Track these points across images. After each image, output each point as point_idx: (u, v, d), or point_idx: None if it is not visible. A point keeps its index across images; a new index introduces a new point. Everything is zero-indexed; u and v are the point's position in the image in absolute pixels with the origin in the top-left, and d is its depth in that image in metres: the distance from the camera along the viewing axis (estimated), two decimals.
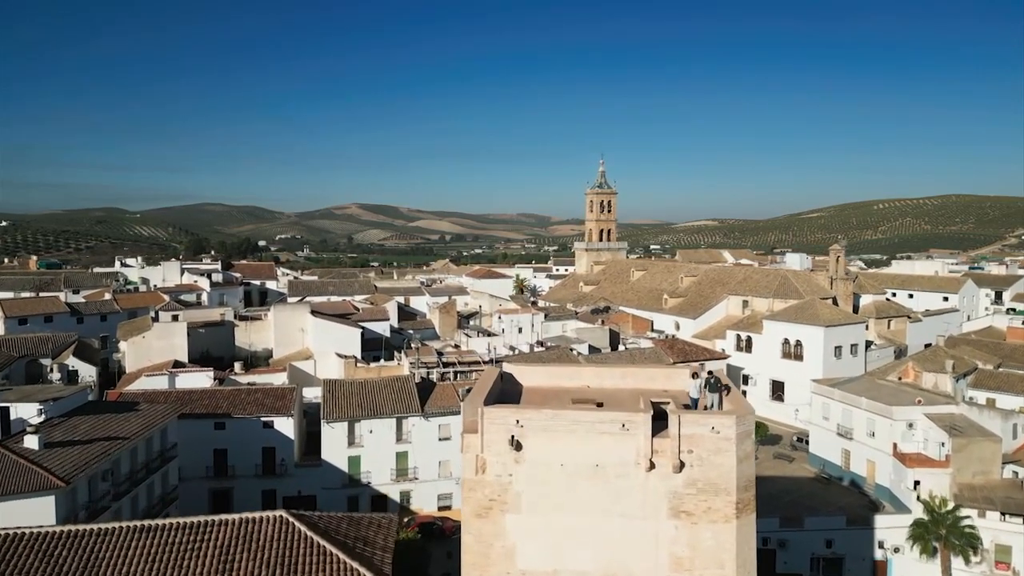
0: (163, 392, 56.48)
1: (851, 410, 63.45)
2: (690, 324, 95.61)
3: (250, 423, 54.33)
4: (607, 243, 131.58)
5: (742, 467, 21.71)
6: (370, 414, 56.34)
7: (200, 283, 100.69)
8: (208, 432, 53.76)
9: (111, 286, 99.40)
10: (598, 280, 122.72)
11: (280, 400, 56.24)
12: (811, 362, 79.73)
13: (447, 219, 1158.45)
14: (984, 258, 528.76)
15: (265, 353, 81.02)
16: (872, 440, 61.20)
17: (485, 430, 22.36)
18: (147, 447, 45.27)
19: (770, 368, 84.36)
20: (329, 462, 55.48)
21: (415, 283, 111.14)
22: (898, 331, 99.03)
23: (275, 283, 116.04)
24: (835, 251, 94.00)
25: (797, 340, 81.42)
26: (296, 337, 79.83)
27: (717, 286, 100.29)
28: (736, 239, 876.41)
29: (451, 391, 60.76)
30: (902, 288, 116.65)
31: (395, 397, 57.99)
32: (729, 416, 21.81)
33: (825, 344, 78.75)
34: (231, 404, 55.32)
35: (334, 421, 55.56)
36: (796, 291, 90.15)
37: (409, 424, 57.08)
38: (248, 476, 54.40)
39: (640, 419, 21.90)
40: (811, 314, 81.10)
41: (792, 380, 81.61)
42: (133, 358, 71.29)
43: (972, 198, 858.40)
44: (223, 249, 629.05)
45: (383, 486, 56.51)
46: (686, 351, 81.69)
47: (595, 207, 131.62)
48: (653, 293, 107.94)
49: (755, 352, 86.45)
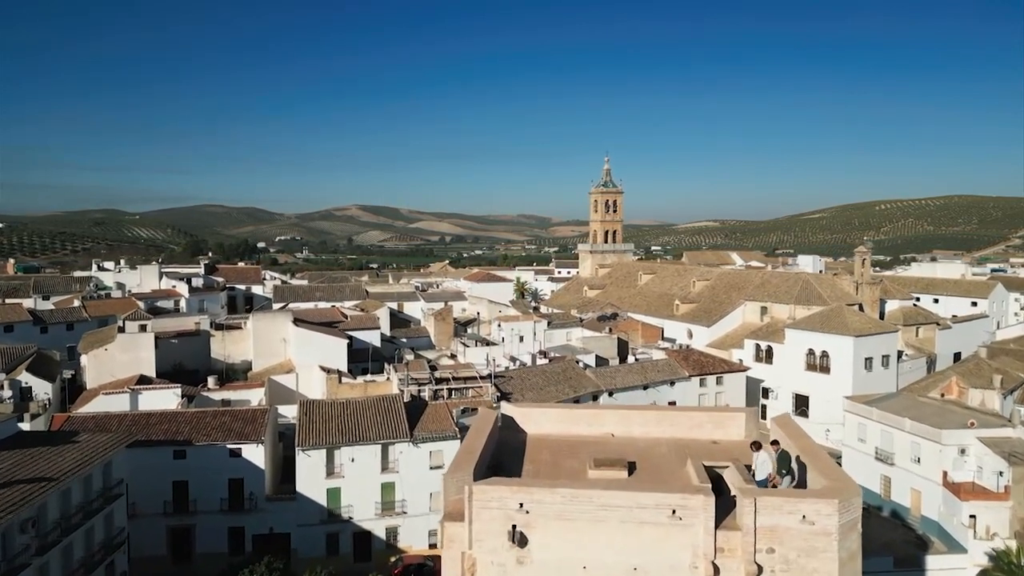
0: (117, 416, 49.81)
1: (892, 432, 56.71)
2: (704, 332, 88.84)
3: (215, 451, 47.70)
4: (613, 245, 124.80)
5: (845, 573, 15.03)
6: (352, 440, 49.66)
7: (179, 288, 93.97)
8: (166, 462, 47.17)
9: (83, 291, 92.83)
10: (603, 284, 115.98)
11: (250, 424, 49.58)
12: (839, 375, 73.04)
13: (447, 220, 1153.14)
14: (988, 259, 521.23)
15: (244, 365, 74.38)
16: (917, 467, 54.46)
17: (475, 516, 15.69)
18: (85, 486, 38.58)
19: (793, 381, 77.63)
20: (305, 495, 48.80)
21: (410, 288, 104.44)
22: (926, 339, 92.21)
23: (261, 288, 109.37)
24: (860, 253, 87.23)
25: (823, 351, 74.68)
26: (277, 348, 73.20)
27: (732, 291, 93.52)
28: (737, 240, 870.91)
29: (444, 412, 54.11)
30: (926, 292, 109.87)
31: (381, 420, 51.33)
32: (828, 500, 15.11)
33: (855, 355, 72.06)
34: (194, 429, 48.68)
35: (311, 448, 48.88)
36: (819, 297, 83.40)
37: (396, 451, 50.39)
38: (212, 511, 47.75)
39: (698, 503, 15.20)
40: (839, 322, 74.39)
41: (818, 394, 74.94)
42: (95, 373, 64.68)
43: (975, 198, 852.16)
44: (221, 251, 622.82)
45: (367, 522, 49.82)
46: (702, 363, 75.11)
47: (600, 207, 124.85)
48: (663, 298, 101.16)
49: (776, 363, 79.71)
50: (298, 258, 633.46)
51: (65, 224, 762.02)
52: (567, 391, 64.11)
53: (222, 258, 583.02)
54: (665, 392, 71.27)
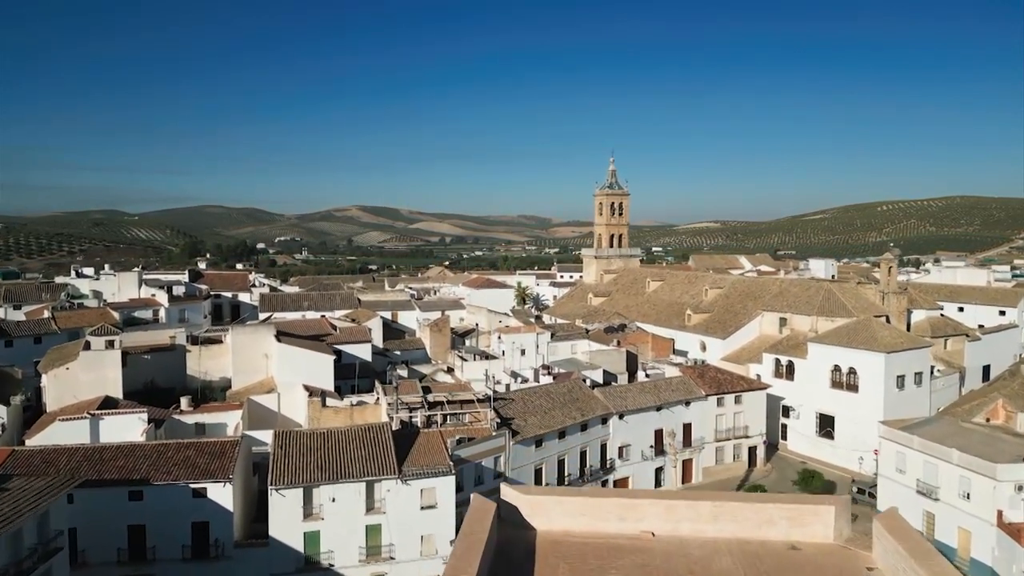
0: (67, 450, 44.06)
1: (936, 463, 50.98)
2: (718, 345, 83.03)
3: (176, 491, 41.99)
4: (619, 249, 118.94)
5: None
6: (333, 476, 43.92)
7: (158, 297, 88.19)
8: (121, 503, 41.52)
9: (56, 300, 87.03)
10: (609, 291, 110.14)
11: (218, 459, 43.84)
12: (869, 394, 67.29)
13: (447, 221, 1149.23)
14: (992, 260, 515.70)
15: (222, 383, 68.63)
16: (967, 504, 48.73)
17: None
18: (14, 543, 32.83)
19: (817, 399, 71.86)
20: (279, 540, 43.05)
21: (405, 296, 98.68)
22: (955, 351, 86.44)
23: (248, 295, 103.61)
24: (887, 261, 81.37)
25: (851, 367, 68.89)
26: (259, 364, 67.45)
27: (748, 300, 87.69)
28: (739, 241, 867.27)
29: (438, 442, 48.36)
30: (950, 300, 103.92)
31: (366, 453, 45.59)
32: None
33: (886, 373, 66.27)
34: (153, 465, 42.97)
35: (286, 487, 43.14)
36: (843, 308, 77.57)
37: (383, 489, 44.64)
38: (173, 560, 42.00)
39: None
40: (867, 337, 68.60)
41: (845, 414, 69.18)
42: (55, 394, 58.96)
43: (977, 199, 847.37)
44: (219, 252, 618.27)
45: (349, 569, 44.05)
46: (719, 380, 69.37)
47: (605, 209, 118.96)
48: (674, 307, 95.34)
49: (798, 379, 73.92)
50: (297, 259, 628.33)
51: (64, 225, 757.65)
52: (574, 414, 58.35)
53: (220, 259, 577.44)
54: (680, 412, 65.54)
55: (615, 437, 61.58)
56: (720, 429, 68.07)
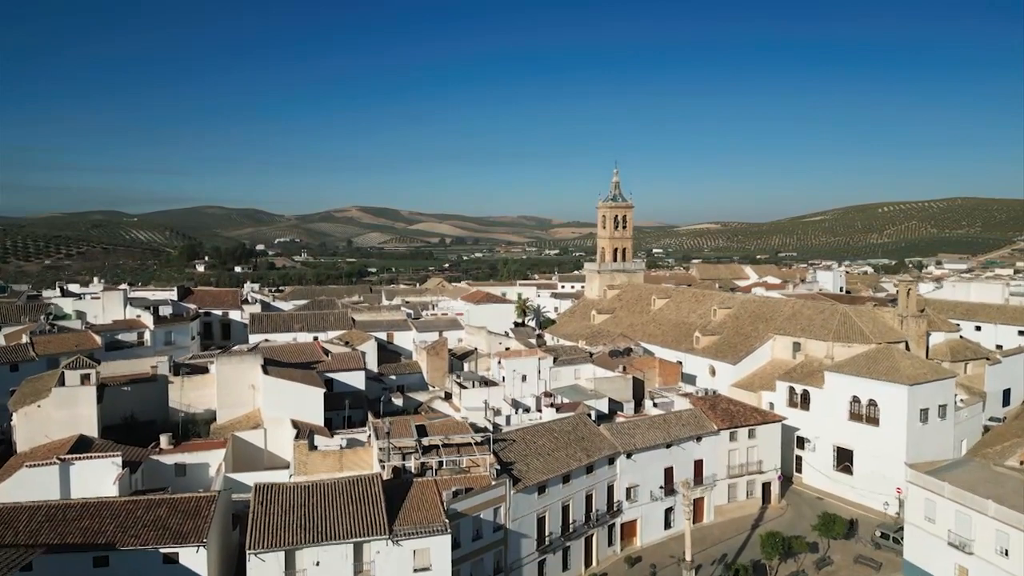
0: (28, 509, 40.33)
1: (970, 514, 47.29)
2: (729, 370, 79.28)
3: (146, 557, 38.31)
4: (622, 263, 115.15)
5: None
6: (317, 537, 40.20)
7: (144, 319, 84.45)
8: (84, 570, 37.80)
9: (37, 323, 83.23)
10: (613, 308, 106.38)
11: (192, 519, 40.16)
12: (890, 428, 63.56)
13: (447, 222, 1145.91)
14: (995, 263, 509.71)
15: (207, 415, 64.99)
16: (1005, 560, 45.04)
17: None
18: None
19: (834, 431, 68.15)
20: None
21: (400, 315, 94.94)
22: (975, 376, 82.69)
23: (239, 313, 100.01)
24: (904, 284, 77.58)
25: (871, 399, 65.16)
26: (245, 396, 63.87)
27: (759, 322, 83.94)
28: (739, 242, 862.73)
29: (433, 494, 44.65)
30: (966, 319, 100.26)
31: (354, 510, 41.90)
32: None
33: (909, 407, 62.53)
34: (121, 526, 39.28)
35: (266, 550, 39.46)
36: (860, 333, 73.82)
37: (372, 550, 40.95)
38: None
39: None
40: (888, 367, 64.88)
41: (864, 449, 65.50)
42: (26, 434, 55.18)
43: (979, 200, 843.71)
44: (218, 255, 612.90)
45: None
46: (732, 412, 65.69)
47: (608, 222, 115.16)
48: (681, 328, 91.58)
49: (814, 410, 70.21)
50: (296, 261, 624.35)
51: (64, 226, 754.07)
52: (579, 456, 54.62)
53: (218, 262, 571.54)
54: (691, 448, 61.84)
55: (622, 478, 57.91)
56: (733, 464, 64.39)
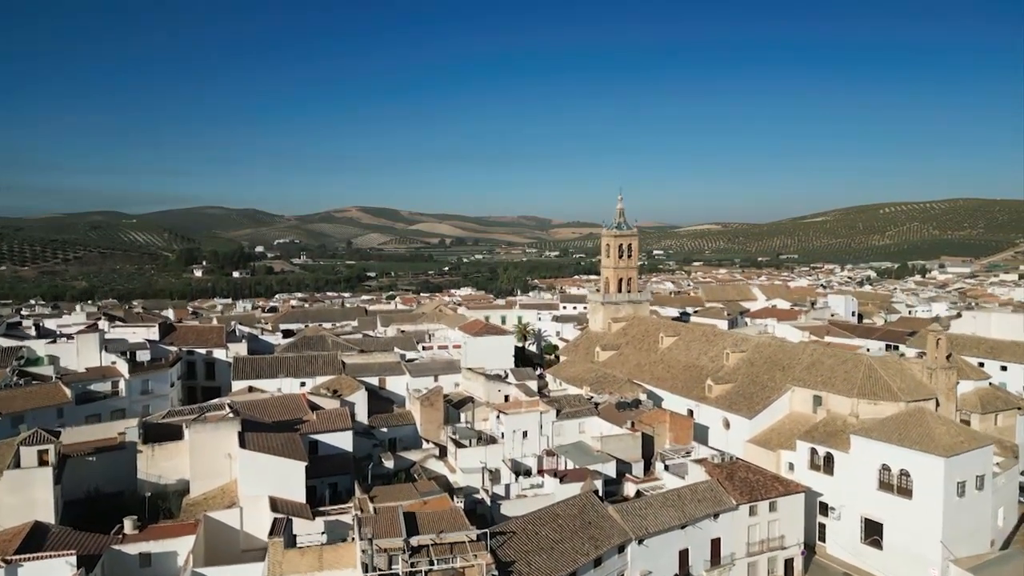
0: None
1: None
2: (744, 425, 73.92)
3: None
4: (627, 295, 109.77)
5: None
6: None
7: (119, 366, 79.07)
8: None
9: (8, 367, 77.95)
10: (618, 344, 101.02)
11: None
12: (925, 502, 58.16)
13: (447, 222, 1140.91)
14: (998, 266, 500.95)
15: (180, 486, 59.58)
16: None
17: None
18: None
19: (862, 501, 62.79)
20: None
21: (394, 358, 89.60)
22: (1006, 427, 77.53)
23: (224, 352, 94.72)
24: (934, 334, 72.12)
25: (903, 469, 59.82)
26: (221, 466, 58.57)
27: (775, 370, 78.52)
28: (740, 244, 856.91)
29: None
30: (990, 357, 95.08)
31: None
32: None
33: (945, 479, 57.17)
34: None
35: None
36: (888, 389, 68.43)
37: None
38: None
39: None
40: (922, 434, 59.51)
41: (895, 523, 60.14)
42: None
43: (981, 201, 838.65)
44: (216, 258, 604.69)
45: None
46: (751, 483, 60.41)
47: (612, 251, 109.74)
48: (691, 372, 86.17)
49: (838, 475, 64.90)
50: (295, 264, 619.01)
51: (63, 227, 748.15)
52: (587, 548, 49.30)
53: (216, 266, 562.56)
54: (708, 527, 56.57)
55: (634, 566, 52.63)
56: (752, 541, 59.12)
